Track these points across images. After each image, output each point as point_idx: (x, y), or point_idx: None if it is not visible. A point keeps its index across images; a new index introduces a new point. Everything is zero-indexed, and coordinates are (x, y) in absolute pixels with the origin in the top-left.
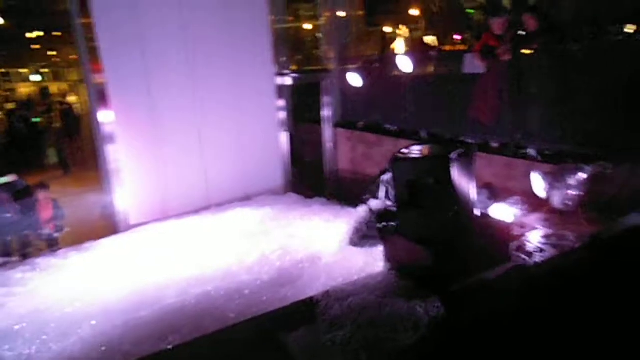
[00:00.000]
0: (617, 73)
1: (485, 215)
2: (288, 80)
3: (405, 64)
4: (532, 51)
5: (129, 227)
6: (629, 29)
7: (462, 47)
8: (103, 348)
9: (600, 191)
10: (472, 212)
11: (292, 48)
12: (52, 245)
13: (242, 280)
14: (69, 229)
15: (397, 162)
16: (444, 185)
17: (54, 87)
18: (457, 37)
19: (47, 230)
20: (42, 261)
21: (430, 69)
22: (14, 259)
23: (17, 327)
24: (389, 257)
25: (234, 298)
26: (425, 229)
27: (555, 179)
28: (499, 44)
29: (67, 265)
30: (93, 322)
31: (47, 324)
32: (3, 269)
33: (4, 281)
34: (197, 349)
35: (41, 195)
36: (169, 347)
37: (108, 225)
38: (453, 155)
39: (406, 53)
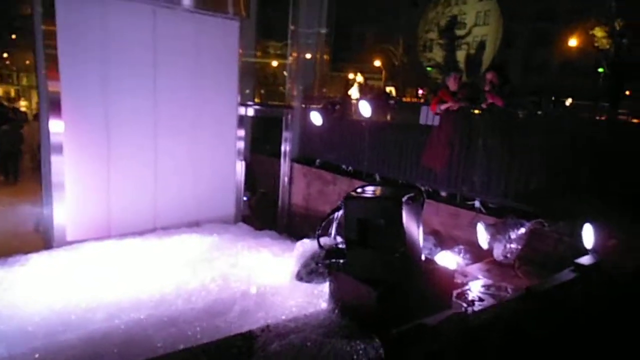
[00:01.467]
0: (556, 139)
1: (430, 261)
2: (250, 112)
3: (364, 109)
4: (480, 111)
5: (65, 243)
6: (568, 102)
7: (419, 100)
8: None
9: (538, 247)
10: (419, 256)
11: (258, 82)
12: None
13: (177, 309)
14: None
15: (349, 200)
16: (394, 227)
17: (0, 91)
18: (420, 91)
19: None
20: None
21: (388, 116)
22: None
23: None
24: (334, 294)
25: (166, 327)
26: (372, 268)
27: (497, 231)
28: (452, 99)
29: None
30: (7, 344)
31: None
32: None
33: None
34: None
35: None
36: None
37: (41, 240)
38: (404, 199)
39: (364, 99)
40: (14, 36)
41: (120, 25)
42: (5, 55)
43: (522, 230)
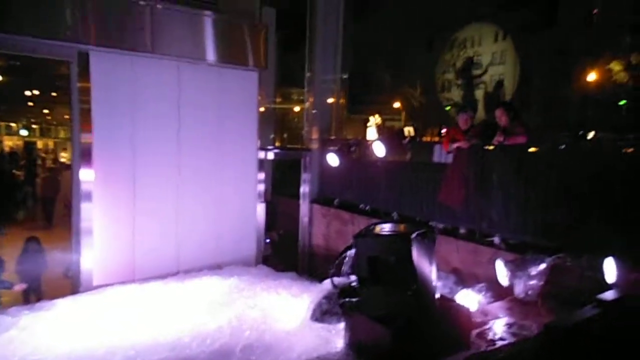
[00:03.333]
0: (575, 172)
1: (445, 299)
2: (270, 155)
3: (378, 149)
4: (493, 147)
5: (91, 288)
6: (590, 135)
7: (437, 139)
8: None
9: (560, 282)
10: (433, 293)
11: (282, 126)
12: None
13: (191, 351)
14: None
15: (360, 238)
16: (404, 264)
17: (40, 143)
18: (444, 130)
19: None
20: None
21: (406, 156)
22: None
23: None
24: (349, 334)
25: None
26: (385, 306)
27: (517, 268)
28: (463, 137)
29: (16, 327)
30: None
31: None
32: None
33: None
34: None
35: None
36: None
37: (69, 285)
38: (413, 235)
39: (380, 139)
40: (54, 94)
41: (147, 80)
42: (46, 111)
43: (543, 265)
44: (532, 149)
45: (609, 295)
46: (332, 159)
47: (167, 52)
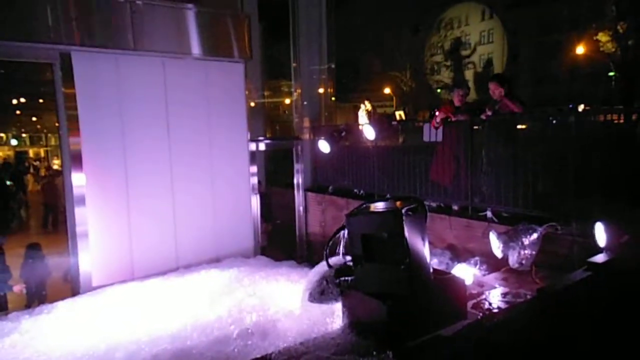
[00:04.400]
0: (563, 144)
1: (440, 272)
2: (261, 146)
3: (369, 132)
4: (483, 122)
5: (90, 289)
6: (580, 108)
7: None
8: None
9: (553, 250)
10: (426, 267)
11: (271, 119)
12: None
13: (192, 342)
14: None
15: (351, 217)
16: (396, 240)
17: (31, 151)
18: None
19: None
20: None
21: (397, 139)
22: None
23: None
24: (346, 312)
25: (181, 359)
26: (380, 282)
27: (510, 239)
28: (454, 114)
29: (17, 330)
30: None
31: None
32: None
33: None
34: None
35: None
36: None
37: (69, 287)
38: (404, 210)
39: (370, 123)
40: (41, 100)
41: (133, 78)
42: (34, 118)
43: (535, 235)
44: (521, 126)
45: (599, 258)
46: (323, 146)
47: (151, 49)
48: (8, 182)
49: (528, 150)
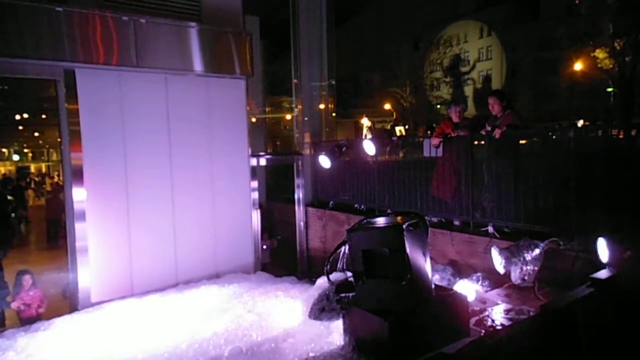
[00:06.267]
0: (563, 160)
1: (441, 288)
2: (262, 161)
3: (369, 148)
4: (483, 138)
5: (89, 305)
6: (579, 123)
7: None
8: None
9: (555, 266)
10: (428, 282)
11: (272, 135)
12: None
13: (187, 359)
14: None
15: (352, 233)
16: (398, 255)
17: (33, 167)
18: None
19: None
20: None
21: (398, 154)
22: None
23: None
24: (347, 329)
25: None
26: (381, 298)
27: (512, 255)
28: (454, 130)
29: (12, 348)
30: None
31: None
32: None
33: None
34: None
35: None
36: None
37: (67, 303)
38: (405, 226)
39: (370, 139)
40: (44, 116)
41: (135, 95)
42: (37, 134)
43: (537, 251)
44: (522, 142)
45: (601, 274)
46: (324, 161)
47: (154, 65)
48: (9, 197)
49: (529, 166)
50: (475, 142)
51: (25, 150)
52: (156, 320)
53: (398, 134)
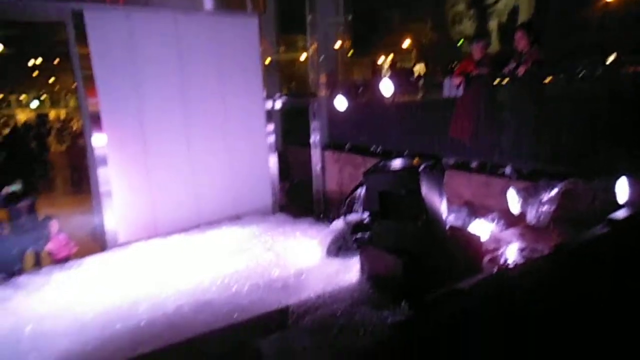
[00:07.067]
0: (590, 96)
1: (456, 228)
2: (278, 104)
3: (387, 88)
4: (506, 76)
5: (117, 245)
6: (611, 58)
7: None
8: None
9: (572, 206)
10: (443, 224)
11: (286, 75)
12: (38, 263)
13: (211, 295)
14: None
15: (369, 175)
16: (414, 197)
17: (52, 113)
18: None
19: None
20: (24, 279)
21: (417, 95)
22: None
23: None
24: (363, 267)
25: (203, 311)
26: (396, 239)
27: (529, 195)
28: (477, 68)
29: (50, 283)
30: (68, 337)
31: (24, 341)
32: None
33: None
34: (167, 356)
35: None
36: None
37: (96, 244)
38: (421, 168)
39: (388, 78)
40: (57, 61)
41: (146, 36)
42: (52, 80)
43: (555, 191)
44: (547, 79)
45: (620, 214)
46: (340, 102)
47: (163, 3)
48: (32, 144)
49: (553, 104)
50: (498, 81)
51: (43, 97)
52: (180, 258)
53: (417, 73)
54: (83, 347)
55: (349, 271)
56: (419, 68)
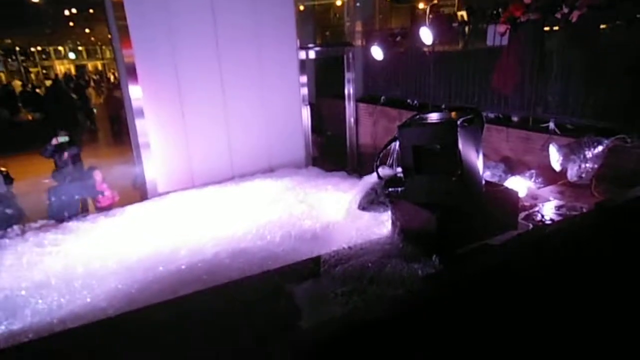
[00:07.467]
0: None
1: (492, 184)
2: (311, 54)
3: (425, 36)
4: (558, 27)
5: (157, 195)
6: None
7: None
8: (124, 299)
9: (617, 164)
10: (479, 179)
11: (321, 24)
12: (85, 210)
13: (247, 243)
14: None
15: (403, 129)
16: (449, 151)
17: (89, 65)
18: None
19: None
20: (72, 225)
21: (458, 44)
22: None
23: (50, 281)
24: (395, 221)
25: (239, 258)
26: (430, 193)
27: (572, 151)
28: (525, 14)
29: (96, 229)
30: (116, 277)
31: (76, 279)
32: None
33: (39, 242)
34: (207, 297)
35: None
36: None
37: (138, 193)
38: (459, 122)
39: (428, 26)
40: (91, 11)
41: None
42: (87, 30)
43: (600, 148)
44: (603, 26)
45: None
46: (376, 52)
47: None
48: (73, 95)
49: (607, 54)
50: (548, 28)
51: (80, 48)
52: (216, 209)
53: (459, 19)
54: (129, 287)
55: (380, 225)
56: (461, 14)
